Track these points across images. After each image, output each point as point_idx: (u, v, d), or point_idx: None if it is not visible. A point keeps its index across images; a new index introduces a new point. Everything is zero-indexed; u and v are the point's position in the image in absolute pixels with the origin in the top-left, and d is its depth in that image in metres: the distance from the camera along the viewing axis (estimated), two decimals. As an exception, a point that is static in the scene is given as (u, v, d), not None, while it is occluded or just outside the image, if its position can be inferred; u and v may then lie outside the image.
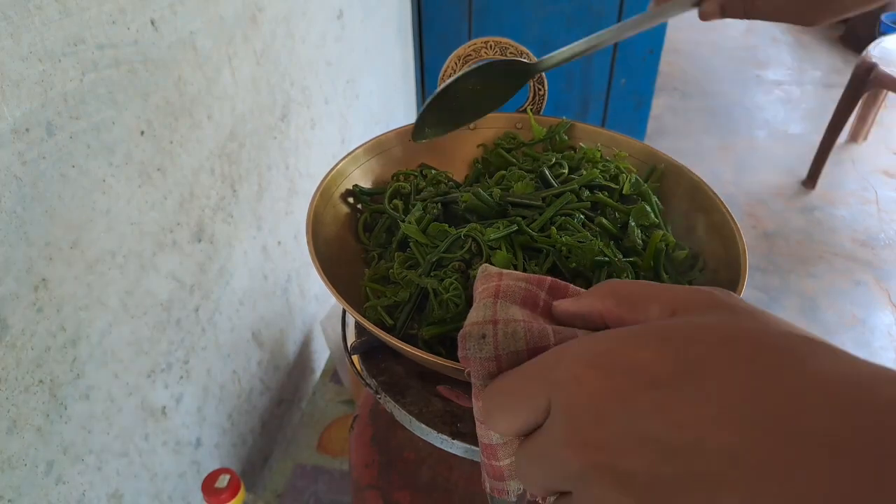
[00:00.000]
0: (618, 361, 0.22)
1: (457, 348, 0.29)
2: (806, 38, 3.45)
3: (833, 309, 1.79)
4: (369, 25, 1.28)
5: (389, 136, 0.62)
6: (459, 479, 0.55)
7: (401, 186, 0.59)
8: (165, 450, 0.75)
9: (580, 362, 0.23)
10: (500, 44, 0.61)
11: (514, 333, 0.28)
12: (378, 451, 0.59)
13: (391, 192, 0.59)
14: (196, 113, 0.71)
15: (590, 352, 0.23)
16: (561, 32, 1.64)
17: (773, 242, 2.01)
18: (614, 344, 0.23)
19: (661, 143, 0.86)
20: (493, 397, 0.27)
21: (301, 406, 1.15)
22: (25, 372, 0.52)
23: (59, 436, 0.57)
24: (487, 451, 0.29)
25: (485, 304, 0.30)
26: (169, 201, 0.69)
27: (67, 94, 0.52)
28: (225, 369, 0.87)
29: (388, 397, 0.47)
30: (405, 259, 0.51)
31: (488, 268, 0.34)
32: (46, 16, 0.49)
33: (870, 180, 2.30)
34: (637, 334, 0.23)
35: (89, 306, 0.59)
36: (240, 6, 0.78)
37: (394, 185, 0.59)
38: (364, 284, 0.52)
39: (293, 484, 0.93)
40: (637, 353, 0.22)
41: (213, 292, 0.81)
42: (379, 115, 1.41)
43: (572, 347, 0.24)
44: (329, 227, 0.55)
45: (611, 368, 0.22)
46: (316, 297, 1.18)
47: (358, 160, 0.60)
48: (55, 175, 0.52)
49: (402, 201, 0.58)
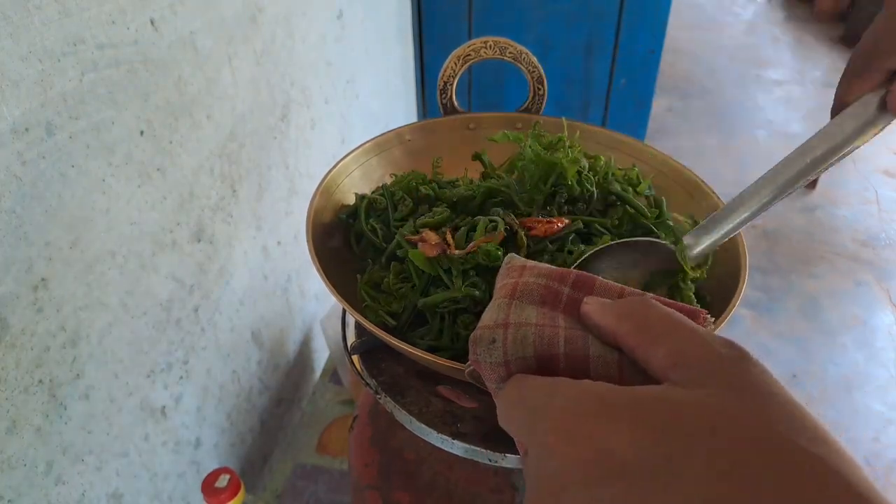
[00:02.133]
0: (591, 440, 0.21)
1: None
2: (806, 37, 3.45)
3: (834, 309, 1.78)
4: (369, 25, 1.28)
5: (389, 136, 0.62)
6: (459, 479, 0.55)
7: (374, 200, 0.56)
8: (165, 450, 0.75)
9: (557, 429, 0.22)
10: (499, 44, 0.61)
11: (524, 339, 0.28)
12: (378, 451, 0.59)
13: (365, 209, 0.55)
14: (196, 113, 0.71)
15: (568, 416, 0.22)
16: (561, 32, 1.64)
17: (774, 242, 2.01)
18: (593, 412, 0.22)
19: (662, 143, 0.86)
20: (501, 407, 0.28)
21: (301, 406, 1.15)
22: (25, 372, 0.52)
23: (59, 436, 0.57)
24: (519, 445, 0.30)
25: (499, 305, 0.30)
26: (169, 201, 0.69)
27: (67, 94, 0.52)
28: (225, 369, 0.87)
29: (388, 397, 0.47)
30: (400, 271, 0.50)
31: (513, 259, 0.33)
32: (46, 16, 0.49)
33: (870, 180, 2.30)
34: (619, 405, 0.22)
35: (89, 306, 0.58)
36: (240, 6, 0.78)
37: (366, 201, 0.56)
38: (360, 287, 0.52)
39: (293, 484, 0.93)
40: (612, 434, 0.21)
41: (212, 292, 0.81)
42: (379, 115, 1.41)
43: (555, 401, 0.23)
44: (329, 227, 0.55)
45: (583, 446, 0.21)
46: (316, 297, 1.18)
47: (358, 160, 0.60)
48: (55, 175, 0.52)
49: (379, 220, 0.55)
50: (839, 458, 0.18)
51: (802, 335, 1.71)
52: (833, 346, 1.68)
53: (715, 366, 0.22)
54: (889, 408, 1.52)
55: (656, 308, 0.26)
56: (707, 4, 4.01)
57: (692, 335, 0.24)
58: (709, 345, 0.23)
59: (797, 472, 0.18)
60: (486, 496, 0.54)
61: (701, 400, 0.21)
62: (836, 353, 1.66)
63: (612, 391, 0.23)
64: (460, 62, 0.62)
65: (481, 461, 0.43)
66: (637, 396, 0.22)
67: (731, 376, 0.22)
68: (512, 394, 0.27)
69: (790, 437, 0.19)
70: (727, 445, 0.19)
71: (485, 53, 0.62)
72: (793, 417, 0.20)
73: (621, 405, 0.21)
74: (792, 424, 0.20)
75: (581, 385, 0.24)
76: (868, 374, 1.60)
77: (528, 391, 0.25)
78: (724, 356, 0.22)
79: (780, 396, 0.21)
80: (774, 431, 0.19)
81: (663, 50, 1.70)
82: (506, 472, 0.54)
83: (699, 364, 0.22)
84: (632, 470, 0.19)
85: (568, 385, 0.24)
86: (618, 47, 1.67)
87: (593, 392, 0.23)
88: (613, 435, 0.20)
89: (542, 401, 0.24)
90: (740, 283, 0.45)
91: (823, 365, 1.63)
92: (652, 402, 0.21)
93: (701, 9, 3.93)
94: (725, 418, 0.20)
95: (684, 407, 0.21)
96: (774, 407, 0.20)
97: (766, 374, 0.22)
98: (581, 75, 1.73)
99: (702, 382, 0.22)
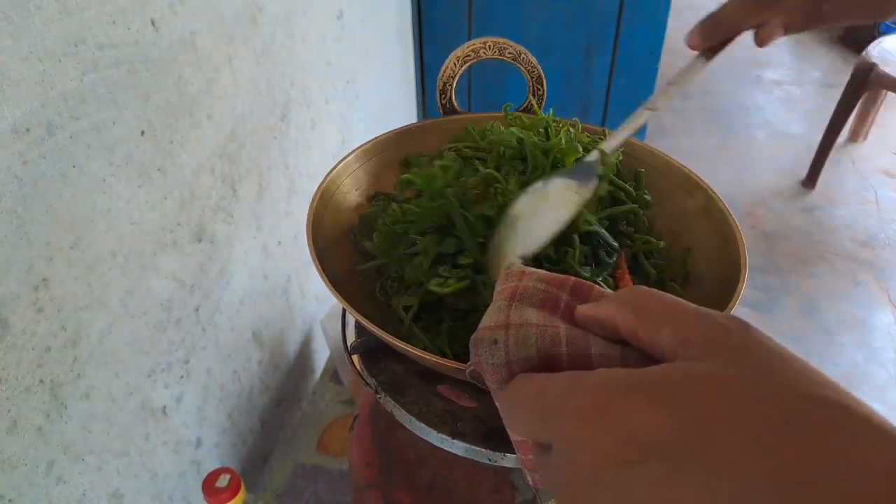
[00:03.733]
0: (617, 424, 0.21)
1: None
2: (806, 38, 3.45)
3: (833, 309, 1.79)
4: (369, 25, 1.28)
5: (389, 137, 0.62)
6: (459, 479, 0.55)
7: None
8: (166, 449, 0.75)
9: (581, 418, 0.22)
10: (499, 44, 0.62)
11: (526, 340, 0.28)
12: (378, 451, 0.59)
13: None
14: (196, 113, 0.71)
15: (589, 404, 0.22)
16: (561, 32, 1.64)
17: (773, 242, 2.01)
18: (613, 397, 0.22)
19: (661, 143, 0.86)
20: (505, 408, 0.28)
21: (301, 406, 1.15)
22: (26, 372, 0.52)
23: (60, 435, 0.57)
24: (517, 445, 0.30)
25: (499, 307, 0.30)
26: (169, 201, 0.69)
27: (68, 94, 0.52)
28: (225, 369, 0.87)
29: (388, 397, 0.47)
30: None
31: (512, 265, 0.33)
32: (47, 16, 0.49)
33: (869, 180, 2.30)
34: (638, 387, 0.22)
35: (90, 306, 0.59)
36: (240, 6, 0.78)
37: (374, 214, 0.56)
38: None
39: (293, 483, 0.93)
40: (636, 413, 0.21)
41: (213, 292, 0.81)
42: (379, 115, 1.41)
43: (575, 393, 0.23)
44: (329, 227, 0.55)
45: (611, 431, 0.21)
46: (316, 297, 1.18)
47: (358, 160, 0.60)
48: (55, 175, 0.52)
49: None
50: (853, 400, 0.19)
51: (802, 335, 1.71)
52: (832, 346, 1.68)
53: (722, 338, 0.23)
54: (888, 407, 1.52)
55: (653, 293, 0.27)
56: (707, 5, 4.01)
57: (692, 313, 0.24)
58: (711, 319, 0.24)
59: (820, 418, 0.19)
60: (486, 496, 0.54)
61: (715, 371, 0.21)
62: (836, 353, 1.66)
63: (629, 374, 0.23)
64: (460, 62, 0.62)
65: (481, 461, 0.44)
66: (654, 375, 0.22)
67: (738, 345, 0.22)
68: (518, 393, 0.27)
69: (806, 389, 0.20)
70: (750, 411, 0.19)
71: (484, 54, 0.62)
72: (804, 371, 0.21)
73: (641, 386, 0.22)
74: (805, 378, 0.20)
75: (596, 374, 0.24)
76: (867, 373, 1.60)
77: (542, 388, 0.25)
78: (729, 328, 0.23)
79: (788, 357, 0.22)
80: (790, 388, 0.20)
81: (663, 50, 1.70)
82: (506, 472, 0.54)
83: (706, 338, 0.23)
84: (662, 448, 0.20)
85: (583, 376, 0.24)
86: (618, 47, 1.67)
87: (611, 378, 0.23)
88: (638, 416, 0.21)
89: (560, 394, 0.24)
90: (740, 283, 0.45)
91: (823, 364, 1.63)
92: (670, 380, 0.22)
93: (700, 9, 3.92)
94: (742, 385, 0.20)
95: (701, 380, 0.21)
96: (786, 367, 0.21)
97: (770, 340, 0.23)
98: (581, 75, 1.73)
99: (712, 355, 0.22)
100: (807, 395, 0.19)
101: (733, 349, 0.22)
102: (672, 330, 0.24)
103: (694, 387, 0.21)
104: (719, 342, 0.23)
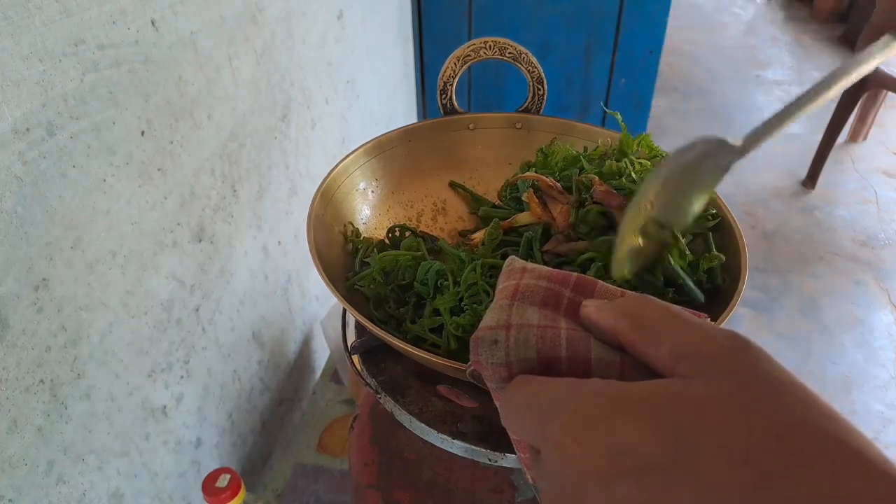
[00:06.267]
0: (605, 438, 0.21)
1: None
2: (806, 38, 3.45)
3: (833, 309, 1.79)
4: (369, 26, 1.28)
5: (390, 137, 0.62)
6: (459, 479, 0.55)
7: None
8: (166, 449, 0.75)
9: (568, 429, 0.22)
10: (499, 44, 0.62)
11: (526, 341, 0.28)
12: (378, 451, 0.59)
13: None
14: (196, 113, 0.71)
15: (578, 416, 0.22)
16: (561, 32, 1.64)
17: (773, 242, 2.01)
18: (603, 410, 0.22)
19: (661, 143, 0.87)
20: (503, 408, 0.28)
21: (301, 406, 1.15)
22: (26, 372, 0.52)
23: (60, 435, 0.57)
24: (516, 444, 0.30)
25: (500, 307, 0.30)
26: (169, 201, 0.69)
27: (68, 94, 0.52)
28: (225, 369, 0.87)
29: (388, 397, 0.47)
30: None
31: (514, 261, 0.33)
32: (47, 16, 0.49)
33: (869, 180, 2.30)
34: (628, 403, 0.22)
35: (90, 306, 0.59)
36: (240, 6, 0.78)
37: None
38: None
39: (293, 483, 0.93)
40: (626, 431, 0.21)
41: (213, 292, 0.81)
42: (379, 115, 1.41)
43: (566, 403, 0.23)
44: (329, 227, 0.55)
45: (598, 445, 0.21)
46: (316, 297, 1.18)
47: (358, 161, 0.60)
48: (56, 175, 0.52)
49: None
50: (852, 435, 0.19)
51: (802, 335, 1.71)
52: (832, 346, 1.68)
53: (720, 357, 0.22)
54: (888, 407, 1.52)
55: (655, 304, 0.26)
56: (706, 5, 4.01)
57: (694, 328, 0.24)
58: (712, 337, 0.23)
59: (813, 451, 0.18)
60: (486, 496, 0.54)
61: (711, 391, 0.21)
62: (835, 353, 1.66)
63: (622, 388, 0.23)
64: (460, 63, 0.62)
65: (481, 461, 0.44)
66: (647, 392, 0.22)
67: (737, 366, 0.22)
68: (517, 395, 0.27)
69: (802, 418, 0.19)
70: (742, 433, 0.19)
71: (484, 54, 0.62)
72: (802, 399, 0.20)
73: (632, 401, 0.22)
74: (802, 406, 0.20)
75: (590, 384, 0.24)
76: (867, 373, 1.60)
77: (536, 393, 0.25)
78: (729, 347, 0.23)
79: (787, 381, 0.21)
80: (786, 415, 0.19)
81: (663, 50, 1.70)
82: (506, 472, 0.54)
83: (705, 356, 0.22)
84: (648, 465, 0.20)
85: (577, 385, 0.24)
86: (617, 47, 1.67)
87: (603, 390, 0.23)
88: (628, 431, 0.21)
89: (552, 402, 0.24)
90: (740, 283, 0.45)
91: (822, 364, 1.63)
92: (662, 397, 0.21)
93: (700, 9, 3.93)
94: (737, 407, 0.20)
95: (695, 399, 0.21)
96: (783, 392, 0.21)
97: (771, 360, 0.22)
98: (581, 75, 1.73)
99: (709, 374, 0.22)
100: (801, 422, 0.19)
101: (732, 370, 0.22)
102: (671, 346, 0.24)
103: (686, 406, 0.21)
104: (718, 363, 0.22)
